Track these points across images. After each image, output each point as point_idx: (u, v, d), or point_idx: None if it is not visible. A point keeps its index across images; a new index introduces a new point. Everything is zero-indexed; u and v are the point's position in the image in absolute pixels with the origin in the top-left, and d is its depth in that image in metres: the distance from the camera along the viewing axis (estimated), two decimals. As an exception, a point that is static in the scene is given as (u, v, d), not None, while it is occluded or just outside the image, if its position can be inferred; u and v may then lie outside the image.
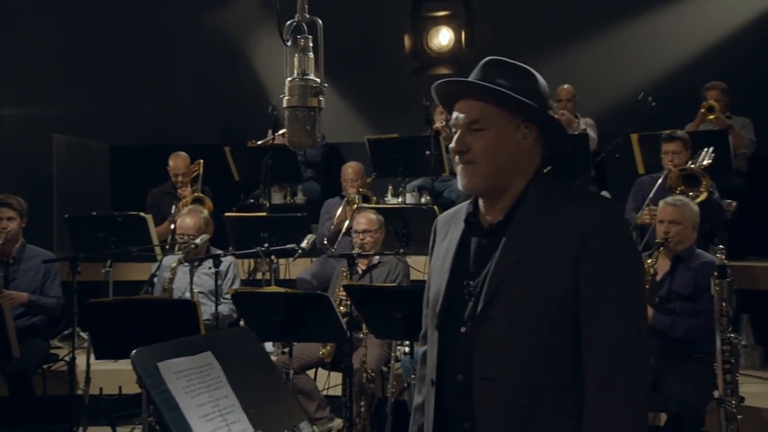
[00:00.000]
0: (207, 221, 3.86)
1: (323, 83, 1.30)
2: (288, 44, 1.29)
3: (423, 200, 5.21)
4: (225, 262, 3.68)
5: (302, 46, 1.30)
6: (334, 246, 4.58)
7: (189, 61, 6.66)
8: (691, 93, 5.21)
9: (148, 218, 4.22)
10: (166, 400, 1.45)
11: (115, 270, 4.25)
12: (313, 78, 1.30)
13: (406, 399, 3.34)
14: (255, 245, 3.85)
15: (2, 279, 3.74)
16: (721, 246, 2.83)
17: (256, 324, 2.96)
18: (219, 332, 3.11)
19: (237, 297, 3.25)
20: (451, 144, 1.37)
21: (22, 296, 3.75)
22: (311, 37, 1.30)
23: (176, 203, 4.87)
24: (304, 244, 3.55)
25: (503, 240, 1.35)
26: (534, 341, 1.32)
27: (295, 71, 1.30)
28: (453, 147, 1.37)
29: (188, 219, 3.79)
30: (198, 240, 3.58)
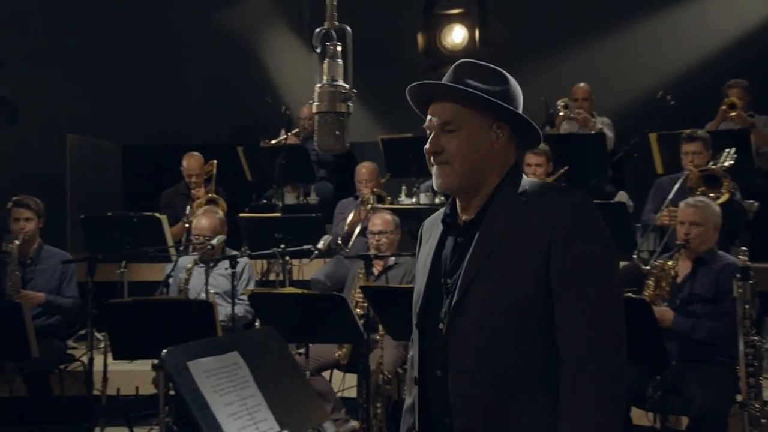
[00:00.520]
0: (222, 222, 3.93)
1: (352, 89, 1.35)
2: (317, 51, 1.35)
3: (437, 200, 5.25)
4: (240, 263, 3.74)
5: (331, 53, 1.35)
6: (348, 247, 4.64)
7: (201, 61, 6.74)
8: (712, 91, 5.20)
9: (163, 219, 4.30)
10: (197, 399, 1.51)
11: (129, 270, 4.34)
12: (342, 84, 1.35)
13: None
14: (269, 246, 3.91)
15: (20, 279, 3.82)
16: (744, 247, 2.86)
17: (273, 325, 3.00)
18: (244, 332, 3.17)
19: (253, 298, 3.31)
20: (426, 145, 1.42)
21: (40, 296, 3.83)
22: (340, 44, 1.36)
23: (190, 204, 4.95)
24: (321, 245, 3.60)
25: (476, 236, 1.40)
26: (507, 333, 1.35)
27: (325, 77, 1.35)
28: (427, 148, 1.42)
29: (204, 220, 3.86)
30: (214, 241, 3.65)
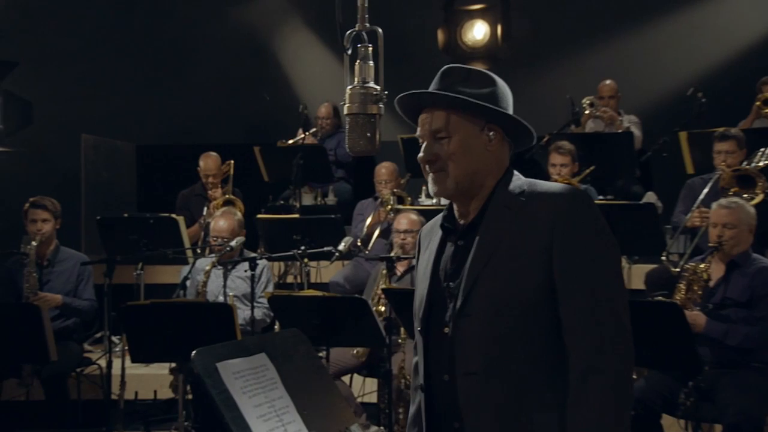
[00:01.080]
0: (241, 223, 3.98)
1: (383, 91, 1.40)
2: (348, 52, 1.39)
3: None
4: (258, 266, 3.79)
5: (362, 54, 1.40)
6: (368, 249, 4.68)
7: (216, 59, 6.81)
8: (745, 87, 5.18)
9: (180, 220, 4.37)
10: (226, 400, 1.55)
11: (145, 273, 4.43)
12: (374, 86, 1.40)
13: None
14: (287, 248, 3.94)
15: (37, 281, 3.90)
16: (779, 250, 2.86)
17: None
18: (271, 334, 3.22)
19: (273, 300, 3.36)
20: (419, 154, 1.46)
21: (57, 298, 3.91)
22: (371, 46, 1.40)
23: (207, 205, 5.02)
24: (342, 247, 3.65)
25: (476, 239, 1.44)
26: (513, 333, 1.39)
27: (356, 79, 1.40)
28: (421, 157, 1.46)
29: (222, 221, 3.92)
30: (233, 242, 3.71)
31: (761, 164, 4.00)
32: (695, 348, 2.74)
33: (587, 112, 5.42)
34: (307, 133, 5.66)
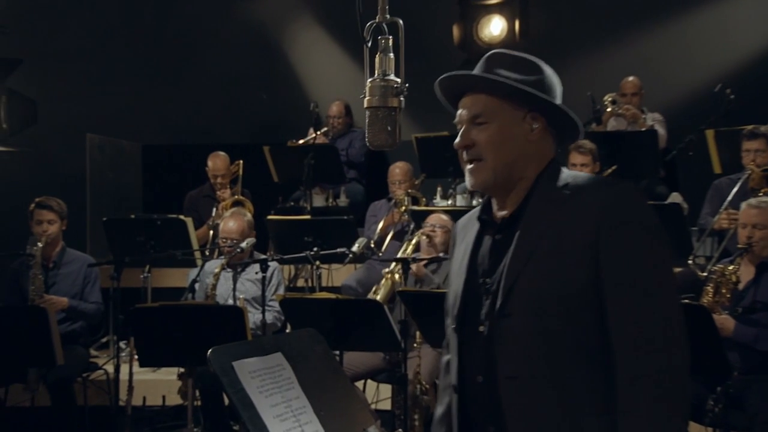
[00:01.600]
0: (251, 224, 4.03)
1: (404, 84, 1.43)
2: (368, 45, 1.43)
3: (474, 202, 5.29)
4: (269, 268, 3.84)
5: (383, 47, 1.43)
6: (381, 251, 4.72)
7: (223, 57, 6.85)
8: (775, 84, 5.17)
9: (188, 222, 4.42)
10: (243, 399, 1.59)
11: (153, 276, 4.48)
12: (394, 78, 1.43)
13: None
14: (298, 250, 3.98)
15: (43, 283, 3.97)
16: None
17: (306, 332, 3.11)
18: (287, 333, 3.26)
19: (285, 303, 3.41)
20: (456, 140, 1.45)
21: (63, 301, 3.97)
22: (392, 38, 1.44)
23: (216, 206, 5.08)
24: (355, 248, 3.69)
25: (517, 233, 1.41)
26: (556, 335, 1.36)
27: (376, 71, 1.43)
28: (457, 142, 1.44)
29: (232, 222, 3.98)
30: (244, 244, 3.76)
31: (792, 163, 4.00)
32: (724, 353, 2.75)
33: (609, 110, 5.42)
34: (318, 133, 5.70)
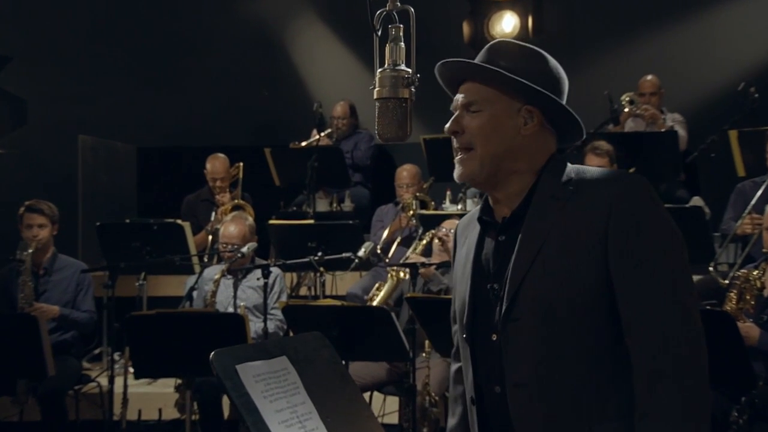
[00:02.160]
0: (252, 229, 4.06)
1: (415, 74, 1.44)
2: (378, 34, 1.45)
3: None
4: (271, 275, 3.85)
5: (393, 36, 1.45)
6: (388, 257, 4.73)
7: (222, 55, 6.88)
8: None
9: (186, 226, 4.45)
10: (247, 404, 1.61)
11: (148, 284, 4.50)
12: (405, 68, 1.45)
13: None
14: (301, 256, 4.00)
15: (33, 291, 3.98)
16: (841, 256, 2.87)
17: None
18: (293, 337, 3.25)
19: (288, 311, 3.42)
20: (446, 125, 1.45)
21: (54, 309, 3.98)
22: (402, 27, 1.46)
23: (215, 210, 5.10)
24: (361, 253, 3.71)
25: (520, 232, 1.40)
26: (567, 338, 1.36)
27: (387, 61, 1.44)
28: (447, 128, 1.45)
29: (233, 226, 4.00)
30: (245, 249, 3.78)
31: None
32: (749, 362, 2.75)
33: (627, 110, 5.44)
34: (322, 134, 5.72)
